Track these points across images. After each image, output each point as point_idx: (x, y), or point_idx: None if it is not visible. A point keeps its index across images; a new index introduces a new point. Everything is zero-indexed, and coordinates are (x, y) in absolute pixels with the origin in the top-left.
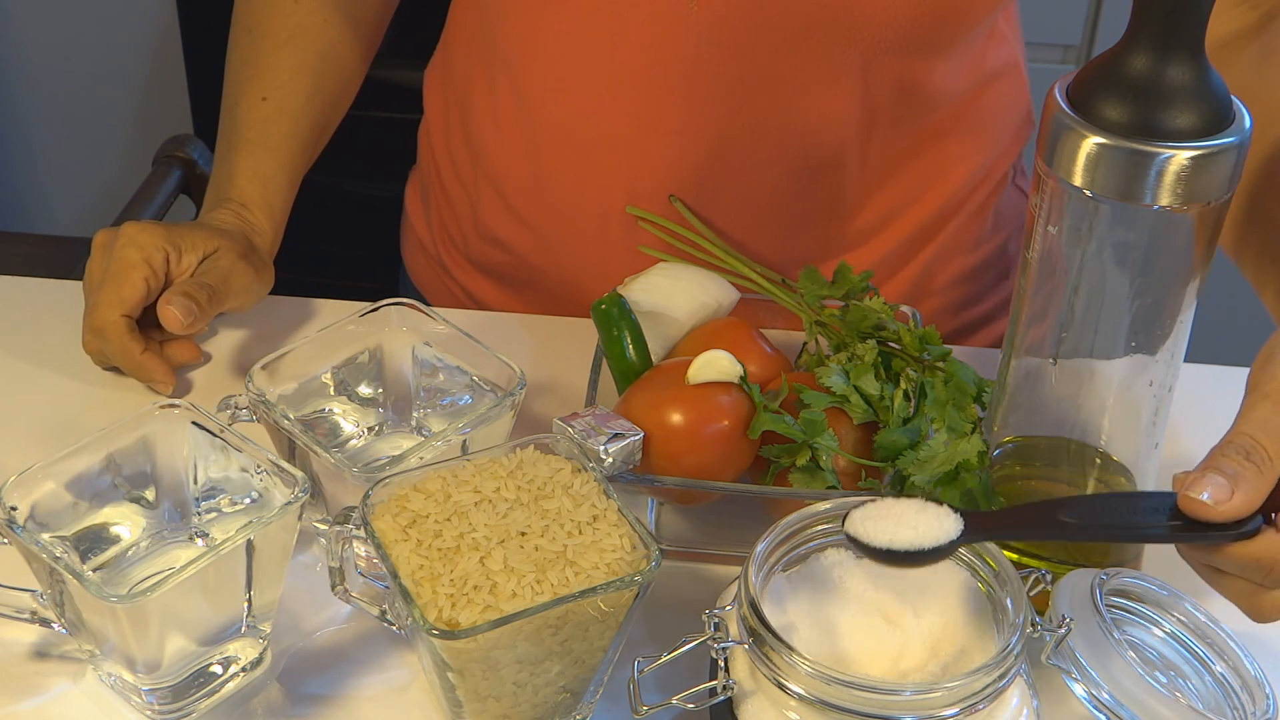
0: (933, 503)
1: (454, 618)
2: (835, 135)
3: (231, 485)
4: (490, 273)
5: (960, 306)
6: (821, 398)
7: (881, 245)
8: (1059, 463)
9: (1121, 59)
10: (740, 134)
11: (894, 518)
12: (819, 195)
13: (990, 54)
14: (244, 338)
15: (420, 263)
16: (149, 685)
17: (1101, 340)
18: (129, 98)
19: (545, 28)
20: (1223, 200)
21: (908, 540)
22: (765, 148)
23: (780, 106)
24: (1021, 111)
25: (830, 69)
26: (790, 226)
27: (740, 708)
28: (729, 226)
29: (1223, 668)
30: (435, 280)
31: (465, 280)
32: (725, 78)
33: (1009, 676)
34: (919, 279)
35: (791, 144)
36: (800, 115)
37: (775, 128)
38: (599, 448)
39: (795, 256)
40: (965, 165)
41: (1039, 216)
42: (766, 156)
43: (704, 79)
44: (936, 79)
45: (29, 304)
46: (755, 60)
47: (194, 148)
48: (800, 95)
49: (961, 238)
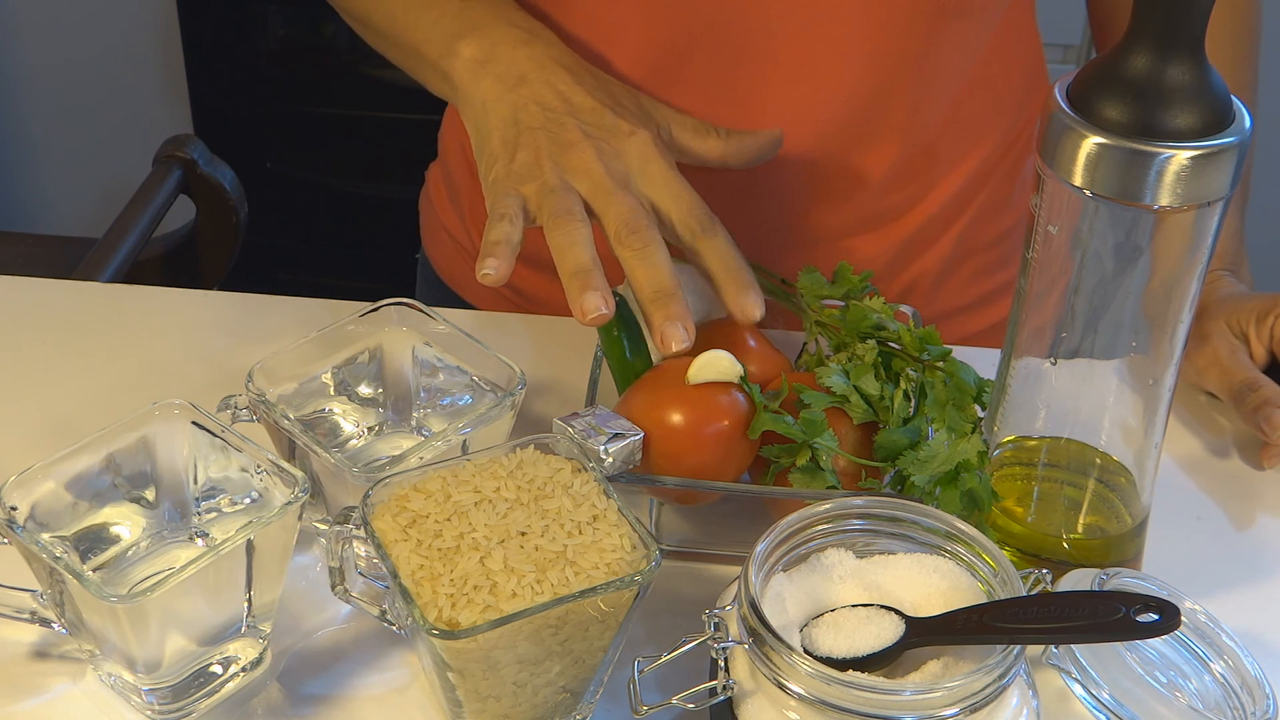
0: (879, 610)
1: (454, 618)
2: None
3: (231, 485)
4: (530, 261)
5: (996, 267)
6: (821, 398)
7: (926, 209)
8: (1059, 463)
9: (1121, 59)
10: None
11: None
12: (867, 165)
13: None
14: (244, 338)
15: (452, 258)
16: (149, 685)
17: (1101, 340)
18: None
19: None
20: (1223, 200)
21: (846, 650)
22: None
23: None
24: (1037, 65)
25: (885, 31)
26: (838, 196)
27: (740, 708)
28: (776, 193)
29: (1223, 668)
30: (472, 275)
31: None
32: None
33: (1009, 676)
34: (959, 241)
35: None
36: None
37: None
38: (599, 448)
39: (844, 224)
40: (997, 127)
41: (1039, 216)
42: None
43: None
44: (973, 39)
45: (29, 304)
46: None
47: (194, 148)
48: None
49: (997, 197)
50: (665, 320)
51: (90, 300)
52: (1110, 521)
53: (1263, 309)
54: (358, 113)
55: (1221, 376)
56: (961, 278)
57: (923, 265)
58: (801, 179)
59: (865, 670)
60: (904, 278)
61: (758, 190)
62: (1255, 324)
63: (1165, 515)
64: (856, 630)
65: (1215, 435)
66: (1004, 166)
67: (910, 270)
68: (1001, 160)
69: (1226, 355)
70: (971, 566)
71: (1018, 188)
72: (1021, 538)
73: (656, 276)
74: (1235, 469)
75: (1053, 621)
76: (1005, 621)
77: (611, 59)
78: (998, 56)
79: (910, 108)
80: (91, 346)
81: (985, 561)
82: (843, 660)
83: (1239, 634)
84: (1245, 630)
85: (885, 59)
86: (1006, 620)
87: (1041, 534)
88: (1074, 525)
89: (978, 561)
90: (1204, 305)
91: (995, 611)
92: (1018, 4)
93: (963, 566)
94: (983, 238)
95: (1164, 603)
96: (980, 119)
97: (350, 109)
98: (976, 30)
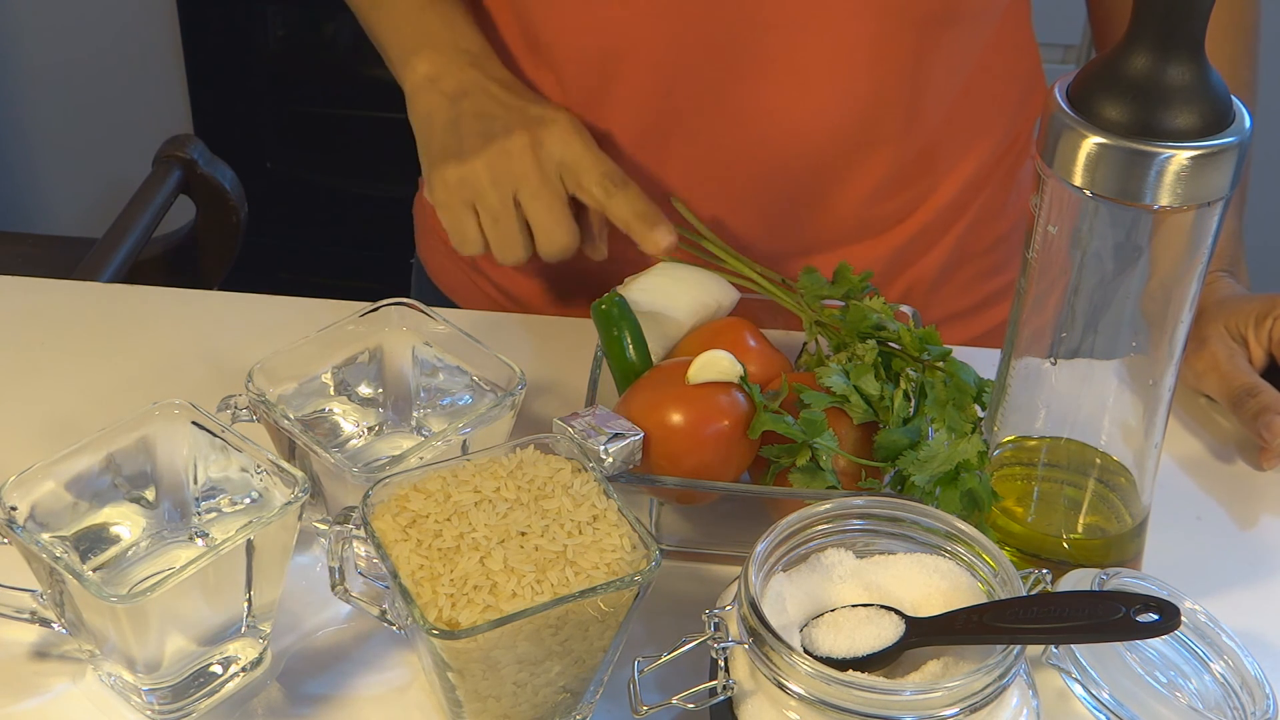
0: (879, 610)
1: (454, 618)
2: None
3: (231, 485)
4: (526, 268)
5: (992, 272)
6: (821, 398)
7: (922, 217)
8: (1059, 463)
9: (1121, 59)
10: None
11: (847, 629)
12: (863, 173)
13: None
14: (244, 338)
15: (444, 264)
16: (149, 685)
17: (1101, 340)
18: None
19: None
20: (1223, 200)
21: (846, 650)
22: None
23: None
24: (1033, 70)
25: (879, 40)
26: (834, 204)
27: (740, 708)
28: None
29: (1223, 668)
30: (464, 280)
31: (500, 278)
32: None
33: (1009, 676)
34: (955, 247)
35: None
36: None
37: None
38: (599, 448)
39: (840, 231)
40: (993, 133)
41: (1039, 216)
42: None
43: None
44: (966, 43)
45: (29, 304)
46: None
47: (194, 148)
48: (835, 71)
49: (994, 204)
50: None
51: (90, 300)
52: (1110, 521)
53: (1261, 311)
54: (358, 113)
55: (1220, 381)
56: (958, 283)
57: (919, 271)
58: (797, 187)
59: (865, 670)
60: (900, 283)
61: (753, 198)
62: (1254, 326)
63: (1165, 515)
64: (856, 630)
65: (1215, 436)
66: (1000, 171)
67: (906, 275)
68: (998, 165)
69: (1225, 359)
70: (971, 566)
71: (1014, 193)
72: (1021, 538)
73: (559, 236)
74: (1235, 470)
75: (1053, 621)
76: (1005, 621)
77: (609, 70)
78: (993, 62)
79: (905, 115)
80: (91, 346)
81: (985, 561)
82: (843, 660)
83: (1239, 634)
84: (1245, 630)
85: (879, 67)
86: (1006, 620)
87: (1041, 534)
88: (1074, 525)
89: (978, 561)
90: (1202, 308)
91: (995, 611)
92: (1012, 9)
93: (963, 566)
94: (979, 243)
95: (1164, 603)
96: (976, 125)
97: (350, 109)
98: (970, 37)
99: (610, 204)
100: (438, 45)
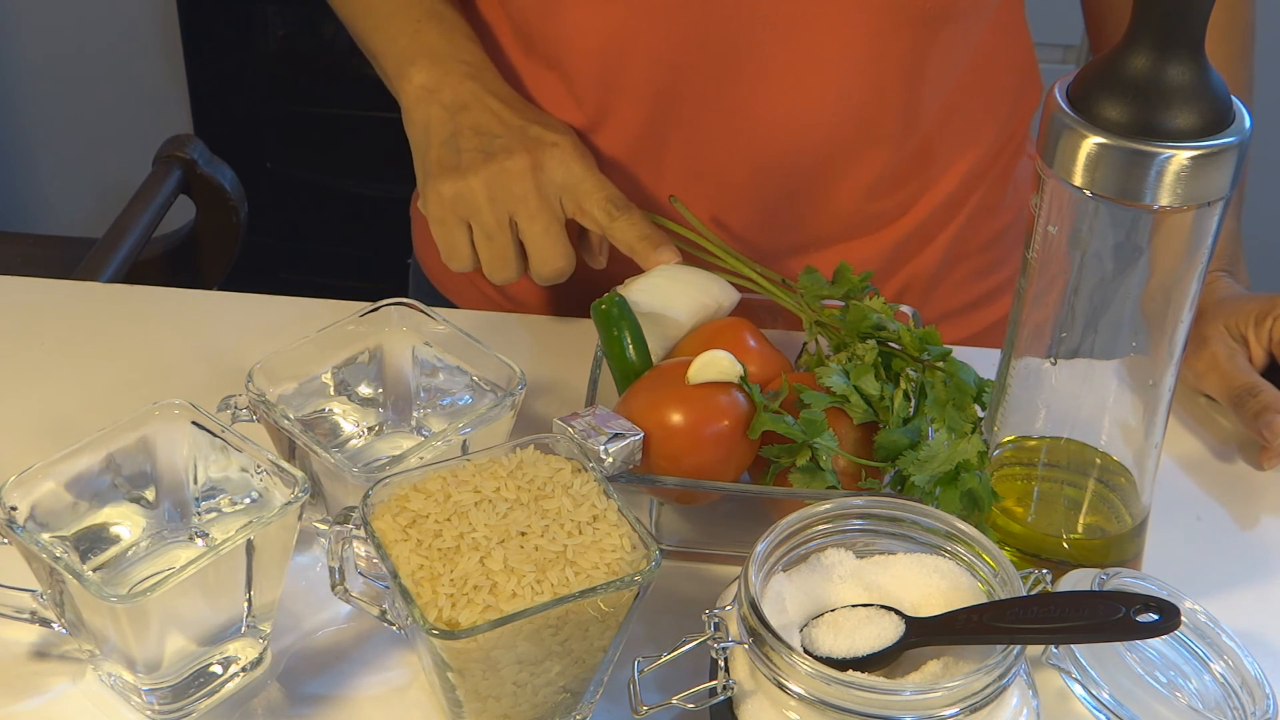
0: (879, 609)
1: (454, 618)
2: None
3: (231, 485)
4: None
5: (990, 270)
6: (821, 398)
7: (919, 213)
8: (1059, 463)
9: (1121, 59)
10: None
11: (847, 629)
12: (859, 171)
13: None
14: (244, 338)
15: (442, 265)
16: (149, 685)
17: (1101, 340)
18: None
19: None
20: (1222, 200)
21: (846, 650)
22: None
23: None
24: (1028, 66)
25: (876, 38)
26: (830, 202)
27: (740, 708)
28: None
29: (1223, 668)
30: (462, 281)
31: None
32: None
33: (1009, 676)
34: (952, 244)
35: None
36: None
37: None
38: (599, 448)
39: (836, 229)
40: (989, 129)
41: (1039, 216)
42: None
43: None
44: (959, 42)
45: (29, 304)
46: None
47: (194, 148)
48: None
49: (990, 201)
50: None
51: (90, 300)
52: (1110, 521)
53: (1261, 311)
54: (358, 113)
55: (1220, 381)
56: (955, 280)
57: (916, 267)
58: (795, 184)
59: (865, 670)
60: (897, 280)
61: (751, 195)
62: (1254, 326)
63: (1165, 515)
64: (856, 630)
65: (1215, 436)
66: (997, 169)
67: (904, 272)
68: (994, 163)
69: (1225, 359)
70: (971, 566)
71: (1011, 190)
72: (1021, 538)
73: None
74: (1235, 469)
75: (1053, 621)
76: (1005, 621)
77: (607, 69)
78: (988, 60)
79: (902, 112)
80: (91, 346)
81: (985, 561)
82: (843, 660)
83: (1239, 634)
84: (1245, 630)
85: (877, 65)
86: (1006, 620)
87: (1041, 534)
88: (1074, 525)
89: (978, 561)
90: (1202, 308)
91: (995, 611)
92: (1006, 7)
93: (963, 566)
94: (976, 240)
95: (1164, 603)
96: (972, 122)
97: (350, 109)
98: (965, 34)
99: (614, 228)
100: (435, 56)
